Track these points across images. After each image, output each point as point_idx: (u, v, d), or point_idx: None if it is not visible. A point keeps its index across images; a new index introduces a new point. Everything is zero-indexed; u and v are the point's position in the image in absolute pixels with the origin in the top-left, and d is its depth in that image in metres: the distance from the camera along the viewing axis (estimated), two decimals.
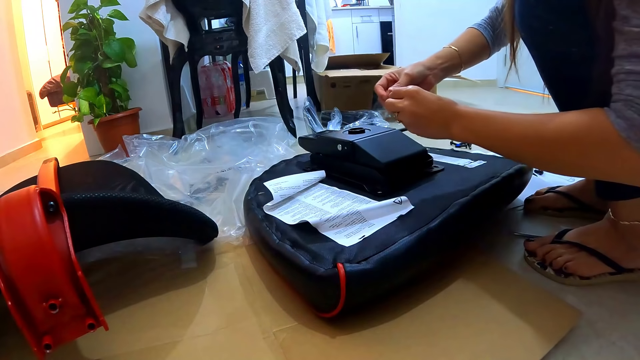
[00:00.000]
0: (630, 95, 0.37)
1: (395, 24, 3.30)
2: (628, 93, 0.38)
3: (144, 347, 0.50)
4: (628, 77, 0.38)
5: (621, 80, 0.38)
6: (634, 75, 0.37)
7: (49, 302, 0.38)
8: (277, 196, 0.71)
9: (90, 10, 1.53)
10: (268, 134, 1.30)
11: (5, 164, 1.97)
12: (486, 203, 0.60)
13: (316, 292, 0.50)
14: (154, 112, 1.88)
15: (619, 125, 0.38)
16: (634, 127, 0.37)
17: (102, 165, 0.96)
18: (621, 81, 0.38)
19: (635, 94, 0.37)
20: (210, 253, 0.73)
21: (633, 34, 0.37)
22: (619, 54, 0.38)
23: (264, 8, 1.36)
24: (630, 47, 0.37)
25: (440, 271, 0.58)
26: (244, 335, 0.50)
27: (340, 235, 0.55)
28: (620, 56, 0.38)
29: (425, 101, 0.58)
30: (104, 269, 0.71)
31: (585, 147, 0.42)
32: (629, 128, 0.38)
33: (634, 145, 0.38)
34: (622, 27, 0.37)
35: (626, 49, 0.37)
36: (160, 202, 0.60)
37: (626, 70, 0.38)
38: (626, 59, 0.38)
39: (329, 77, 1.95)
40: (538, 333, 0.45)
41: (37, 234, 0.39)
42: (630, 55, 0.37)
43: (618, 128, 0.38)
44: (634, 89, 0.37)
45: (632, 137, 0.37)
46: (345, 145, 0.75)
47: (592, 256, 0.54)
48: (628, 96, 0.38)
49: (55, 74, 3.44)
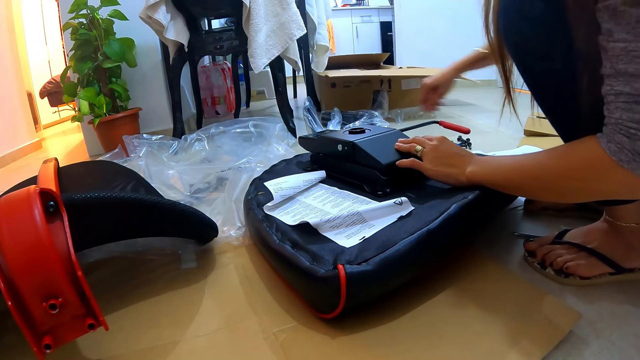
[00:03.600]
0: (620, 119, 0.38)
1: (395, 24, 3.31)
2: (617, 116, 0.38)
3: (144, 347, 0.50)
4: (617, 98, 0.38)
5: (610, 102, 0.39)
6: (623, 96, 0.37)
7: (49, 302, 0.38)
8: (277, 196, 0.71)
9: (90, 10, 1.53)
10: (268, 134, 1.30)
11: (5, 164, 1.97)
12: (486, 204, 0.60)
13: (316, 293, 0.50)
14: (154, 112, 1.89)
15: (610, 149, 0.39)
16: (624, 150, 0.38)
17: (102, 165, 0.96)
18: (610, 103, 0.39)
19: (624, 116, 0.38)
20: (210, 253, 0.73)
21: (617, 50, 0.36)
22: (606, 72, 0.38)
23: (264, 8, 1.36)
24: (616, 65, 0.37)
25: (440, 272, 0.58)
26: (244, 335, 0.50)
27: (340, 236, 0.55)
28: (608, 75, 0.38)
29: (449, 143, 0.65)
30: (104, 269, 0.71)
31: (582, 174, 0.44)
32: (619, 151, 0.39)
33: (627, 166, 0.38)
34: (607, 44, 0.37)
35: (613, 67, 0.37)
36: (160, 202, 0.60)
37: (615, 91, 0.38)
38: (614, 78, 0.38)
39: (329, 77, 1.95)
40: (538, 334, 0.45)
41: (37, 234, 0.39)
42: (617, 73, 0.37)
43: (610, 152, 0.39)
44: (622, 111, 0.38)
45: (624, 159, 0.38)
46: (345, 146, 0.75)
47: (592, 256, 0.54)
48: (617, 119, 0.38)
49: (55, 74, 3.44)
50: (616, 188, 0.42)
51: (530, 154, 0.51)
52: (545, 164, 0.48)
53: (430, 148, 0.64)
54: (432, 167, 0.63)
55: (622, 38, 0.36)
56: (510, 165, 0.54)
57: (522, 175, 0.52)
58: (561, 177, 0.46)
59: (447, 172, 0.61)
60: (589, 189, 0.44)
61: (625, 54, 0.36)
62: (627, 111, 0.37)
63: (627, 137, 0.38)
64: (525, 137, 1.28)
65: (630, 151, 0.38)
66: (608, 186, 0.42)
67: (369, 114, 1.60)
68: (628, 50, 0.35)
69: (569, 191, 0.47)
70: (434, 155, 0.63)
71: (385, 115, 1.78)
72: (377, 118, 1.59)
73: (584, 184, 0.44)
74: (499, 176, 0.55)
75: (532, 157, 0.51)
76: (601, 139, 0.41)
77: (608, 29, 0.36)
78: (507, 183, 0.54)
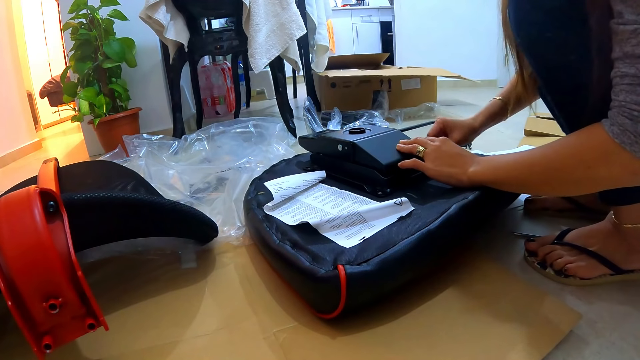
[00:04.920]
0: (624, 101, 0.38)
1: (395, 24, 3.31)
2: (622, 98, 0.38)
3: (144, 347, 0.50)
4: (622, 80, 0.38)
5: (616, 84, 0.38)
6: (628, 78, 0.37)
7: (49, 302, 0.38)
8: (278, 196, 0.71)
9: (90, 10, 1.53)
10: (268, 134, 1.30)
11: (5, 164, 1.97)
12: (487, 204, 0.60)
13: (316, 294, 0.50)
14: (154, 112, 1.88)
15: (613, 132, 0.39)
16: (626, 132, 0.38)
17: (102, 165, 0.96)
18: (616, 85, 0.38)
19: (627, 99, 0.37)
20: (210, 253, 0.73)
21: (627, 33, 0.36)
22: (615, 55, 0.38)
23: (264, 8, 1.36)
24: (624, 48, 0.37)
25: (440, 272, 0.58)
26: (244, 335, 0.50)
27: (340, 237, 0.55)
28: (617, 58, 0.38)
29: (450, 144, 0.65)
30: (104, 269, 0.71)
31: (587, 162, 0.43)
32: (622, 133, 0.38)
33: (629, 148, 0.38)
34: (617, 27, 0.37)
35: (621, 49, 0.37)
36: (160, 202, 0.60)
37: (621, 73, 0.38)
38: (621, 60, 0.37)
39: (329, 77, 1.95)
40: (537, 335, 0.45)
41: (37, 234, 0.39)
42: (625, 56, 0.37)
43: (613, 135, 0.39)
44: (626, 93, 0.37)
45: (626, 142, 0.38)
46: (345, 146, 0.75)
47: (592, 258, 0.54)
48: (621, 102, 0.38)
49: (55, 74, 3.44)
50: (620, 172, 0.41)
51: (532, 149, 0.51)
52: (549, 154, 0.47)
53: (432, 148, 0.64)
54: (433, 167, 0.63)
55: (632, 20, 0.35)
56: (512, 162, 0.53)
57: (525, 169, 0.51)
58: (565, 165, 0.45)
59: (448, 172, 0.61)
60: (593, 176, 0.43)
61: (635, 37, 0.35)
62: (631, 93, 0.37)
63: (630, 120, 0.37)
64: (525, 137, 1.28)
65: (632, 133, 0.37)
66: (612, 171, 0.41)
67: (369, 114, 1.61)
68: (637, 32, 0.35)
69: (574, 181, 0.46)
70: (435, 156, 0.63)
71: (385, 115, 1.78)
72: (377, 118, 1.60)
73: (588, 171, 0.43)
74: (501, 174, 0.55)
75: (534, 150, 0.50)
76: (605, 123, 0.40)
77: (619, 11, 0.36)
78: (510, 180, 0.54)
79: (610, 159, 0.40)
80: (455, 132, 0.79)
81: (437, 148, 0.64)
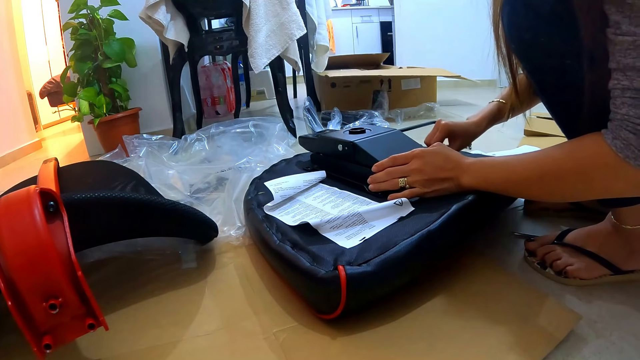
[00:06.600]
0: (626, 115, 0.38)
1: (395, 24, 3.30)
2: (624, 112, 0.38)
3: (144, 347, 0.50)
4: (624, 93, 0.37)
5: (617, 97, 0.38)
6: (630, 92, 0.37)
7: (49, 302, 0.38)
8: (278, 196, 0.71)
9: (90, 10, 1.53)
10: (268, 134, 1.30)
11: (5, 164, 1.97)
12: (487, 204, 0.59)
13: (316, 294, 0.50)
14: (154, 112, 1.89)
15: (616, 146, 0.39)
16: (630, 147, 0.38)
17: (102, 165, 0.96)
18: (617, 98, 0.38)
19: (631, 112, 0.37)
20: (210, 253, 0.73)
21: (625, 44, 0.36)
22: (614, 66, 0.37)
23: (264, 8, 1.36)
24: (623, 60, 0.36)
25: (440, 272, 0.58)
26: (244, 335, 0.50)
27: (340, 237, 0.55)
28: (616, 69, 0.37)
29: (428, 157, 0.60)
30: (104, 269, 0.71)
31: (587, 174, 0.43)
32: (625, 147, 0.38)
33: (633, 163, 0.38)
34: (614, 37, 0.36)
35: (620, 61, 0.37)
36: (160, 202, 0.60)
37: (622, 86, 0.37)
38: (620, 72, 0.37)
39: (329, 77, 1.95)
40: (537, 336, 0.44)
41: (37, 234, 0.39)
42: (625, 68, 0.36)
43: (616, 149, 0.39)
44: (629, 107, 0.37)
45: (630, 156, 0.38)
46: (345, 146, 0.75)
47: (592, 259, 0.54)
48: (624, 115, 0.38)
49: (55, 74, 3.44)
50: (623, 186, 0.41)
51: (527, 156, 0.49)
52: (547, 165, 0.47)
53: (415, 174, 0.60)
54: (428, 191, 0.60)
55: (630, 31, 0.35)
56: (505, 173, 0.52)
57: (522, 182, 0.50)
58: (565, 178, 0.45)
59: (443, 188, 0.59)
60: (596, 188, 0.43)
61: (633, 48, 0.35)
62: (634, 107, 0.37)
63: (634, 134, 0.37)
64: (525, 137, 1.28)
65: (636, 148, 0.37)
66: (615, 184, 0.41)
67: (369, 114, 1.61)
68: (636, 44, 0.35)
69: (575, 192, 0.46)
70: (423, 179, 0.59)
71: (385, 115, 1.78)
72: (377, 118, 1.60)
73: (591, 184, 0.43)
74: (496, 185, 0.54)
75: (529, 159, 0.49)
76: (606, 135, 0.40)
77: (616, 21, 0.36)
78: (507, 190, 0.54)
79: (613, 173, 0.40)
80: (457, 140, 0.78)
81: (419, 171, 0.60)
